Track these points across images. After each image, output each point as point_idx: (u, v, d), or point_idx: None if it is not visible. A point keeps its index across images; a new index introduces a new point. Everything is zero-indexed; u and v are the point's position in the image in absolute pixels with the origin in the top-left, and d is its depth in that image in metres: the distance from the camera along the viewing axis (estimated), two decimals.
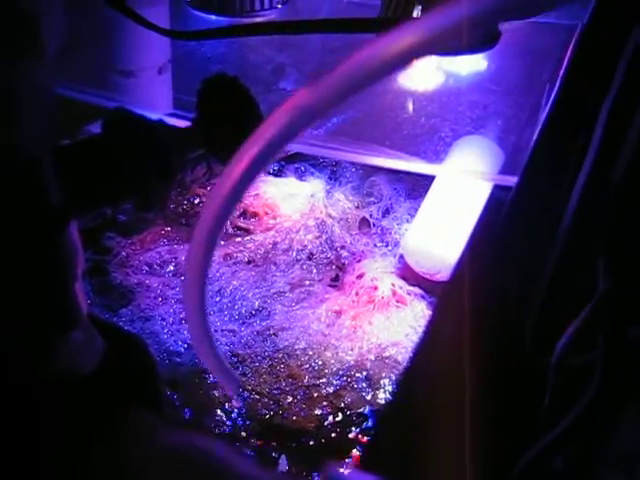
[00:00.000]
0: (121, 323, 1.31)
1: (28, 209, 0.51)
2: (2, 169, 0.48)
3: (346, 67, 0.39)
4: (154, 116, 0.69)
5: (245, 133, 0.73)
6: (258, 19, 1.53)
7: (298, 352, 1.27)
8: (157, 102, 1.47)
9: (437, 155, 1.45)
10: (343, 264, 1.47)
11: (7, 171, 0.48)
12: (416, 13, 1.38)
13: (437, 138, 1.47)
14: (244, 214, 1.57)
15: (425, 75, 1.54)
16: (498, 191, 0.91)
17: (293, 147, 1.35)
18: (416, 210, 1.48)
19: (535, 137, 0.79)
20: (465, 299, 0.58)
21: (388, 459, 0.59)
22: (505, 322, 0.59)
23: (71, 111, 1.29)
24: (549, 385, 0.50)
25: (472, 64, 1.50)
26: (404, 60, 0.38)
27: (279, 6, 1.57)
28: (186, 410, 1.18)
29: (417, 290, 1.39)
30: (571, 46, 1.10)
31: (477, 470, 0.51)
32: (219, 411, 1.18)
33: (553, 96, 0.85)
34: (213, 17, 1.54)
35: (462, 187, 1.41)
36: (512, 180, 0.94)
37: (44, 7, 0.49)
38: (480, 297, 0.59)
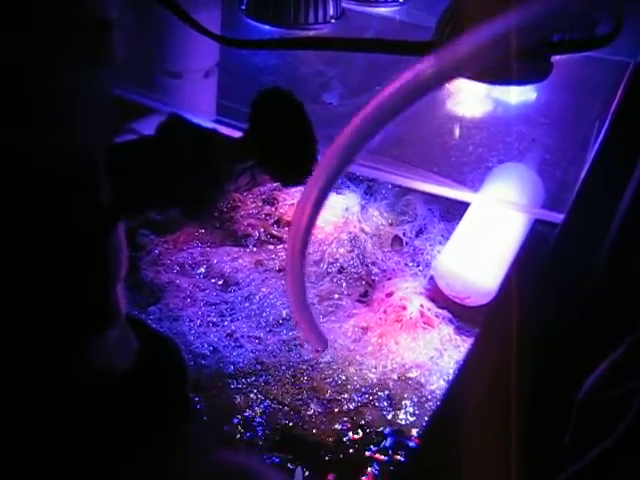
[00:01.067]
0: (149, 321, 1.32)
1: (82, 209, 0.52)
2: (61, 168, 0.49)
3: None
4: (207, 124, 0.70)
5: (296, 148, 0.74)
6: (311, 32, 1.54)
7: (322, 365, 1.27)
8: (201, 105, 1.47)
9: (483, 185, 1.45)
10: (373, 281, 1.47)
11: (65, 170, 0.49)
12: None
13: (484, 168, 1.46)
14: (278, 222, 1.58)
15: (474, 102, 1.53)
16: (541, 226, 0.91)
17: None
18: (450, 232, 1.47)
19: (583, 175, 0.79)
20: (505, 335, 0.58)
21: None
22: (545, 359, 0.59)
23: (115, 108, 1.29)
24: (573, 419, 0.50)
25: (521, 94, 1.49)
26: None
27: (333, 21, 1.58)
28: (206, 414, 1.18)
29: (445, 313, 1.38)
30: (622, 84, 1.10)
31: None
32: (239, 417, 1.18)
33: (602, 134, 0.85)
34: (266, 27, 1.55)
35: (498, 214, 1.40)
36: (556, 216, 0.94)
37: (117, 12, 0.50)
38: (520, 332, 0.59)
